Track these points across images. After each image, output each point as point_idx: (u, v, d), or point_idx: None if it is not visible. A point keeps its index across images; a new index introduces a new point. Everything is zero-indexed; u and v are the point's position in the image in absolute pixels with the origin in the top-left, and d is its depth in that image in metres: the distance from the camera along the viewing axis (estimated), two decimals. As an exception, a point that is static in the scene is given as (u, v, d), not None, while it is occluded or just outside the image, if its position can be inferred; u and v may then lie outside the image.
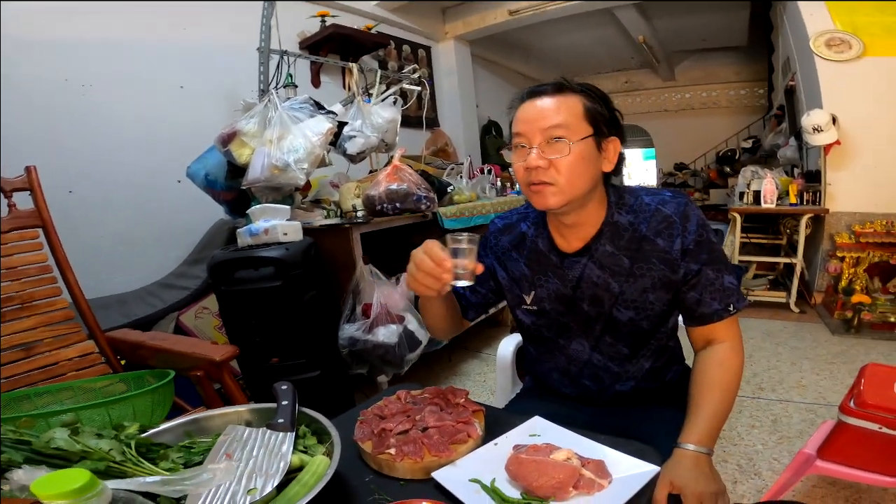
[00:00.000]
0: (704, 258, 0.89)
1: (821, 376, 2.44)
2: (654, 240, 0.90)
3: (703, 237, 0.89)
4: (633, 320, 0.94)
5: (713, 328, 0.92)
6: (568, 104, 0.86)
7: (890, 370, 1.34)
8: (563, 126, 0.84)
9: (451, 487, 0.65)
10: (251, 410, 0.78)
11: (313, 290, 1.85)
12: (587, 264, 0.94)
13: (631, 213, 0.93)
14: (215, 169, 2.15)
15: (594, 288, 0.94)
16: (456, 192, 2.74)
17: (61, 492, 0.39)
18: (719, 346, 0.92)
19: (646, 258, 0.91)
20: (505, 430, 0.79)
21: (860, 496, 1.53)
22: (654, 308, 0.93)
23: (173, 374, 1.19)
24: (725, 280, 0.90)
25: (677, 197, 0.92)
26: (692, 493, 0.72)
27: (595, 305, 0.95)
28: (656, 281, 0.91)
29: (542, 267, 0.99)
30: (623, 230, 0.92)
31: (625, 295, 0.93)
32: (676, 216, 0.89)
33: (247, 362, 1.90)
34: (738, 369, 0.91)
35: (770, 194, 3.51)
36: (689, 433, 0.83)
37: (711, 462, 0.80)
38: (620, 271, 0.92)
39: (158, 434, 0.72)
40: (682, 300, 0.92)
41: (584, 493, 0.64)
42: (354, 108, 2.54)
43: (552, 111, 0.85)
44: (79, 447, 0.59)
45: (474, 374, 2.75)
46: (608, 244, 0.93)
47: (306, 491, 0.58)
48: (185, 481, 0.52)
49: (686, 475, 0.75)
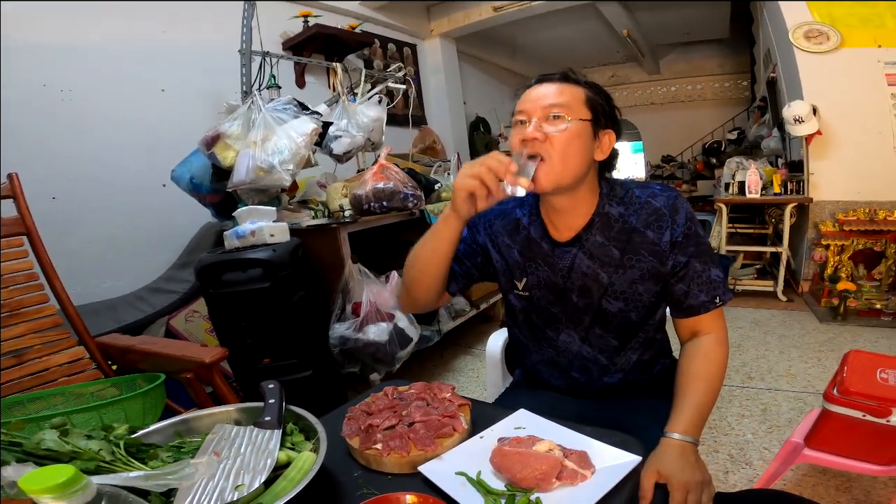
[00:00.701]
0: (692, 251, 0.91)
1: (809, 364, 2.48)
2: (644, 231, 0.92)
3: (691, 230, 0.91)
4: (622, 311, 0.96)
5: (699, 320, 0.94)
6: (571, 90, 0.89)
7: (872, 357, 1.35)
8: (563, 105, 0.87)
9: (437, 481, 0.66)
10: (239, 410, 0.78)
11: (302, 291, 1.86)
12: (577, 254, 0.95)
13: (622, 205, 0.94)
14: (200, 172, 2.14)
15: (584, 278, 0.95)
16: (444, 189, 2.75)
17: (47, 486, 0.40)
18: (704, 337, 0.94)
19: (635, 249, 0.92)
20: (490, 424, 0.80)
21: (851, 484, 1.55)
22: (643, 299, 0.95)
23: (164, 377, 1.20)
24: (712, 273, 0.92)
25: (666, 190, 0.94)
26: (678, 482, 0.74)
27: (584, 296, 0.97)
28: (645, 272, 0.92)
29: (534, 254, 1.00)
30: (614, 221, 0.94)
31: (614, 286, 0.94)
32: (666, 209, 0.91)
33: (239, 364, 1.90)
34: (722, 360, 0.93)
35: (754, 185, 3.55)
36: (675, 423, 0.84)
37: (697, 452, 0.82)
38: (610, 262, 0.93)
39: (148, 435, 0.72)
40: (669, 292, 0.94)
41: (567, 483, 0.65)
42: (340, 108, 2.54)
43: (555, 92, 0.88)
44: (68, 447, 0.59)
45: (467, 370, 2.76)
46: (598, 235, 0.94)
47: (292, 486, 0.59)
48: (168, 476, 0.53)
49: (672, 464, 0.77)
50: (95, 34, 2.44)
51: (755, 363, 2.54)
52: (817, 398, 2.10)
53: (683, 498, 0.73)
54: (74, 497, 0.41)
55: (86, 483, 0.41)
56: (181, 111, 2.73)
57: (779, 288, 3.57)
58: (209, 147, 2.03)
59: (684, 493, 0.73)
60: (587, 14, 5.30)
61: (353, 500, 0.61)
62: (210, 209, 2.29)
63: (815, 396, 2.13)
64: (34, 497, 0.41)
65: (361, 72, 2.87)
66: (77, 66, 2.37)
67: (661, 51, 7.24)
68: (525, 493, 0.63)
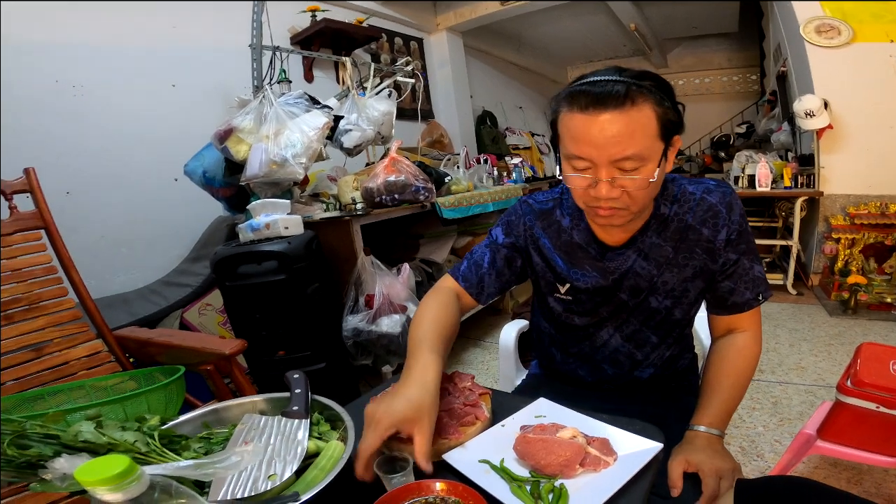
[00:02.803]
0: (743, 248, 0.88)
1: (819, 357, 2.47)
2: (700, 229, 0.88)
3: (743, 227, 0.88)
4: (667, 308, 0.93)
5: (739, 317, 0.92)
6: (641, 122, 0.72)
7: (886, 349, 1.34)
8: (639, 157, 0.73)
9: (461, 468, 0.67)
10: (266, 400, 0.80)
11: (316, 283, 1.87)
12: (633, 258, 0.91)
13: (675, 203, 0.89)
14: (213, 166, 2.15)
15: (636, 279, 0.91)
16: (453, 182, 2.76)
17: (103, 478, 0.41)
18: (740, 334, 0.93)
19: (690, 248, 0.88)
20: (510, 413, 0.81)
21: (861, 477, 1.55)
22: (689, 297, 0.92)
23: (183, 369, 1.21)
24: (756, 270, 0.90)
25: (721, 186, 0.89)
26: (710, 469, 0.74)
27: (634, 296, 0.93)
28: (698, 270, 0.89)
29: (579, 260, 0.94)
30: (669, 221, 0.89)
31: (667, 284, 0.91)
32: (722, 206, 0.87)
33: (253, 356, 1.92)
34: (755, 358, 0.92)
35: (765, 178, 3.53)
36: (702, 415, 0.84)
37: (723, 443, 0.82)
38: (664, 261, 0.90)
39: (178, 425, 0.74)
40: (713, 288, 0.92)
41: (590, 470, 0.66)
42: (349, 102, 2.54)
43: (625, 137, 0.71)
44: (105, 439, 0.60)
45: (476, 363, 2.77)
46: (655, 236, 0.90)
47: (324, 475, 0.60)
48: (215, 464, 0.54)
49: (701, 453, 0.77)
50: (107, 30, 2.44)
51: (766, 356, 2.54)
52: (828, 391, 2.10)
53: (716, 484, 0.73)
54: (130, 488, 0.41)
55: (140, 474, 0.42)
56: (192, 106, 2.74)
57: (789, 281, 3.55)
58: (222, 141, 2.04)
59: (717, 479, 0.73)
60: (594, 8, 5.27)
61: (381, 488, 0.62)
62: (223, 203, 2.30)
63: (825, 390, 2.13)
64: (90, 488, 0.41)
65: (370, 66, 2.86)
66: (88, 63, 2.38)
67: (668, 45, 7.20)
68: (549, 480, 0.64)
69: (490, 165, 3.48)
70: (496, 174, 3.50)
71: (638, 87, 0.72)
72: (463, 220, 2.77)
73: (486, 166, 3.43)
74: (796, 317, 3.09)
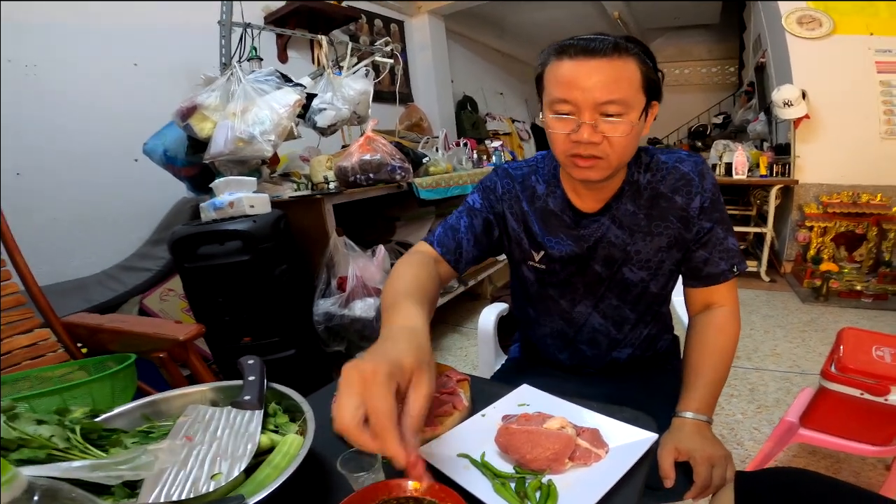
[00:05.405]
0: (717, 216, 0.88)
1: (794, 344, 2.49)
2: (673, 197, 0.87)
3: (716, 196, 0.88)
4: (643, 280, 0.92)
5: (714, 290, 0.91)
6: (627, 73, 0.75)
7: (866, 334, 1.34)
8: (622, 102, 0.74)
9: (438, 464, 0.60)
10: (215, 389, 0.71)
11: (284, 265, 1.77)
12: (607, 224, 0.90)
13: (648, 172, 0.89)
14: (174, 144, 2.02)
15: (610, 248, 0.90)
16: (432, 163, 2.67)
17: None
18: (718, 310, 0.91)
19: (663, 216, 0.88)
20: (492, 401, 0.74)
21: (840, 466, 1.56)
22: (664, 268, 0.91)
23: (134, 357, 1.11)
24: (730, 241, 0.90)
25: (693, 157, 0.90)
26: (702, 457, 0.71)
27: (608, 266, 0.92)
28: (672, 239, 0.89)
29: (553, 227, 0.93)
30: (643, 189, 0.89)
31: (640, 254, 0.90)
32: (694, 174, 0.87)
33: (217, 343, 1.81)
34: (736, 335, 0.90)
35: (741, 166, 3.56)
36: (688, 401, 0.82)
37: (711, 429, 0.79)
38: (638, 229, 0.89)
39: (111, 419, 0.64)
40: (688, 259, 0.91)
41: (580, 464, 0.60)
42: (324, 81, 2.43)
43: (610, 82, 0.74)
44: (15, 434, 0.51)
45: (455, 349, 2.72)
46: (629, 202, 0.89)
47: (278, 474, 0.52)
48: (119, 465, 0.45)
49: (692, 441, 0.74)
50: (62, 8, 2.28)
51: (741, 342, 2.48)
52: (804, 378, 2.11)
53: (708, 472, 0.70)
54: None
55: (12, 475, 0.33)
56: (155, 85, 2.59)
57: (762, 268, 3.60)
58: (184, 118, 1.91)
59: (709, 466, 0.71)
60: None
61: (347, 488, 0.55)
62: (186, 183, 2.17)
63: (801, 376, 2.14)
64: None
65: (348, 45, 2.74)
66: (42, 42, 2.23)
67: (651, 34, 7.21)
68: (536, 476, 0.58)
69: (469, 149, 3.40)
70: (476, 157, 3.42)
71: (625, 45, 0.76)
72: (441, 201, 2.67)
73: (466, 149, 3.35)
74: (770, 303, 3.12)
